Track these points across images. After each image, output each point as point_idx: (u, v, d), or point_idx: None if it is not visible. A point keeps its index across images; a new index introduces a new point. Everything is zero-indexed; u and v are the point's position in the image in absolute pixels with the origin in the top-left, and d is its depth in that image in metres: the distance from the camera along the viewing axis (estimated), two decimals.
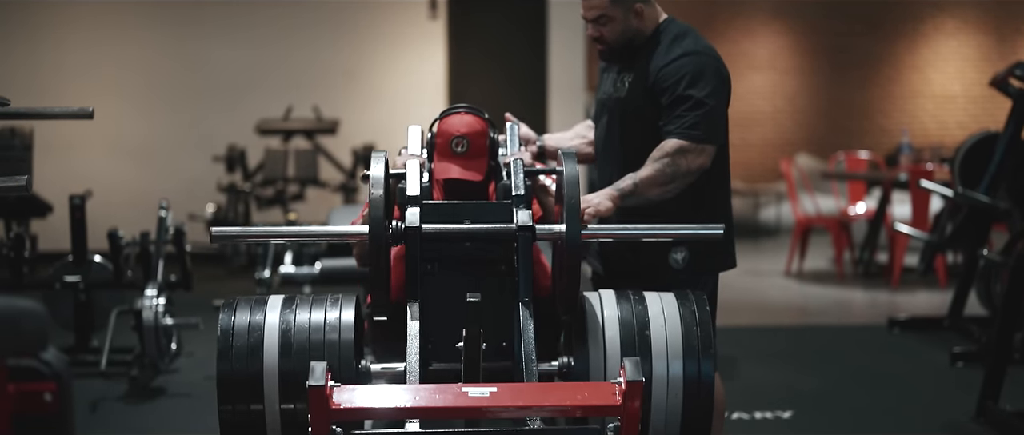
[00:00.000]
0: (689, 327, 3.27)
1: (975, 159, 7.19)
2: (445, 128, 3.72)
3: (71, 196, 6.51)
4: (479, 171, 3.71)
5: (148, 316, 5.91)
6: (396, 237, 3.33)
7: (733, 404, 5.60)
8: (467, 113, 3.76)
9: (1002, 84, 6.96)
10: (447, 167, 3.70)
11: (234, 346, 3.22)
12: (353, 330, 3.28)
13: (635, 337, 3.26)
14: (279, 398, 3.19)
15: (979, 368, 5.90)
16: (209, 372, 5.12)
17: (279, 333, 3.24)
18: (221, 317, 3.28)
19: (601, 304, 3.36)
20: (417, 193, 3.49)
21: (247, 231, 3.54)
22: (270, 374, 3.19)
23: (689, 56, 3.79)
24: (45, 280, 6.55)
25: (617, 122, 3.94)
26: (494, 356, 3.40)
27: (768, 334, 7.79)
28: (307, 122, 11.01)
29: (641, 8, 3.88)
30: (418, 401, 2.84)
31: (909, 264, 9.91)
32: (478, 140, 3.70)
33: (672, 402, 3.22)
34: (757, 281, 10.03)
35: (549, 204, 3.80)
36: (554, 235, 3.35)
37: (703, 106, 3.73)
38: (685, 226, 3.58)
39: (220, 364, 3.21)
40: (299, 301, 3.34)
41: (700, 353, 3.24)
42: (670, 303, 3.34)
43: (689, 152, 3.70)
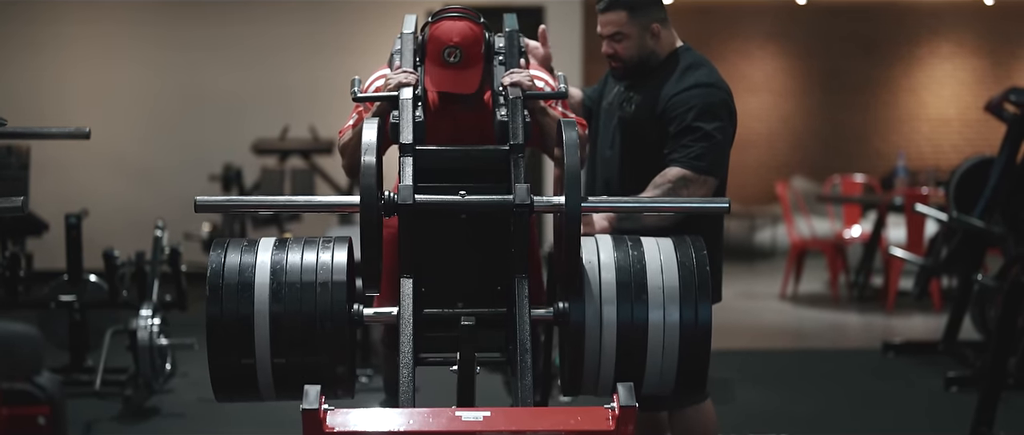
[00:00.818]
0: (686, 271, 3.20)
1: (970, 183, 7.20)
2: (437, 35, 3.56)
3: (67, 215, 6.50)
4: (472, 82, 3.59)
5: (143, 336, 5.91)
6: (388, 209, 3.21)
7: (727, 427, 5.60)
8: (461, 19, 3.61)
9: (997, 109, 6.98)
10: (439, 77, 3.57)
11: (224, 287, 3.14)
12: (345, 272, 3.19)
13: (631, 281, 3.19)
14: (270, 343, 3.11)
15: (973, 393, 5.89)
16: (203, 393, 5.12)
17: (270, 274, 3.15)
18: (211, 256, 3.20)
19: (597, 248, 3.27)
20: (410, 141, 3.39)
21: (233, 200, 3.47)
22: (260, 316, 3.11)
23: (701, 88, 3.80)
24: (40, 299, 6.54)
25: (620, 139, 3.94)
26: (487, 301, 3.35)
27: (763, 357, 7.78)
28: (303, 142, 11.01)
29: (659, 29, 3.89)
30: (412, 425, 2.84)
31: (904, 288, 9.91)
32: (472, 49, 3.56)
33: (669, 347, 3.17)
34: (752, 304, 10.02)
35: (548, 125, 3.62)
36: (553, 207, 3.23)
37: (710, 139, 3.74)
38: (690, 200, 3.56)
39: (210, 306, 3.13)
40: (291, 243, 3.25)
41: (697, 297, 3.17)
42: (667, 247, 3.26)
43: (691, 182, 3.71)
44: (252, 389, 3.20)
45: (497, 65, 3.71)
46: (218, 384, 3.21)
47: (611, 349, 3.17)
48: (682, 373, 3.21)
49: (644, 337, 3.16)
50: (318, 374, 3.12)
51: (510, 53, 3.75)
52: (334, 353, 3.13)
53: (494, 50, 3.72)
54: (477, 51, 3.57)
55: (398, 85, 3.55)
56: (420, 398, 3.29)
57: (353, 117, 3.74)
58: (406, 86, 3.53)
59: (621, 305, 3.18)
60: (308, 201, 3.50)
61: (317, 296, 3.15)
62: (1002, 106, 6.95)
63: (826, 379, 7.07)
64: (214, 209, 3.35)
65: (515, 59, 3.74)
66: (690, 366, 3.20)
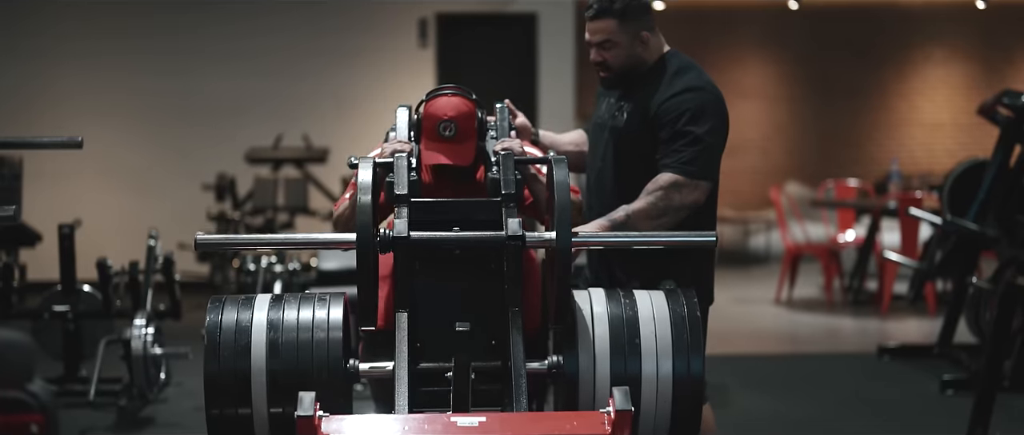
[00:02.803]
0: (679, 325, 3.24)
1: (964, 187, 7.21)
2: (432, 111, 3.64)
3: (60, 225, 6.49)
4: (467, 155, 3.65)
5: (137, 345, 5.89)
6: (384, 245, 3.27)
7: (724, 432, 5.59)
8: (454, 95, 3.68)
9: (990, 112, 6.98)
10: (435, 153, 3.63)
11: (221, 345, 3.18)
12: (341, 329, 3.23)
13: (624, 335, 3.23)
14: (267, 398, 3.15)
15: (969, 396, 5.89)
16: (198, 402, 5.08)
17: (267, 331, 3.20)
18: (208, 315, 3.23)
19: (591, 302, 3.31)
20: (405, 192, 3.44)
21: (233, 239, 3.53)
22: (258, 373, 3.15)
23: (692, 92, 3.80)
24: (34, 310, 6.53)
25: (612, 150, 3.94)
26: (484, 355, 3.37)
27: (758, 362, 7.78)
28: (297, 151, 11.00)
29: (647, 36, 3.89)
30: (407, 431, 2.84)
31: (898, 292, 9.91)
32: (466, 123, 3.63)
33: (662, 401, 3.20)
34: (747, 309, 10.02)
35: (540, 192, 3.69)
36: (545, 242, 3.31)
37: (701, 142, 3.73)
38: (677, 234, 3.59)
39: (207, 364, 3.17)
40: (287, 299, 3.29)
41: (689, 351, 3.21)
42: (660, 301, 3.31)
43: (684, 187, 3.71)
44: None
45: (490, 139, 3.80)
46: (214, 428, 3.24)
47: (605, 401, 3.20)
48: (676, 424, 3.26)
49: (638, 390, 3.20)
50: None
51: (501, 127, 3.84)
52: (331, 407, 3.14)
53: (486, 127, 3.79)
54: (471, 125, 3.65)
55: (393, 151, 3.62)
56: None
57: (349, 192, 3.77)
58: (401, 153, 3.60)
59: (614, 358, 3.23)
60: (306, 238, 3.59)
61: (313, 352, 3.20)
62: (995, 109, 6.95)
63: (821, 383, 7.07)
64: (214, 248, 3.44)
65: (506, 133, 3.83)
66: (683, 418, 3.25)
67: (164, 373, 6.30)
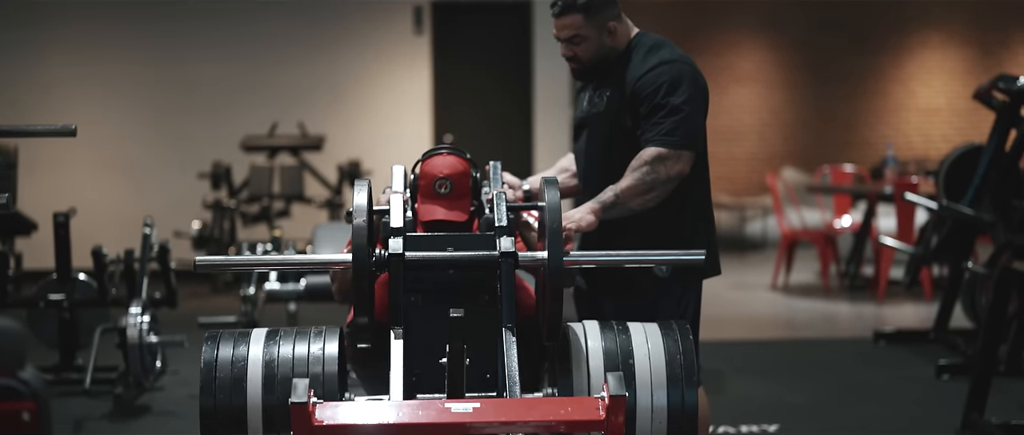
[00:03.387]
0: (673, 356, 3.27)
1: (960, 172, 7.21)
2: (428, 170, 3.75)
3: (55, 214, 6.48)
4: (463, 211, 3.74)
5: (132, 334, 5.89)
6: (379, 264, 3.34)
7: (720, 418, 5.60)
8: (450, 154, 3.78)
9: (986, 97, 6.99)
10: (431, 209, 3.72)
11: (217, 379, 3.20)
12: (337, 363, 3.27)
13: (619, 367, 3.26)
14: (262, 433, 3.18)
15: (965, 380, 5.90)
16: (194, 390, 5.10)
17: (262, 366, 3.22)
18: (204, 350, 3.26)
19: (585, 334, 3.35)
20: (400, 225, 3.49)
21: (231, 260, 3.55)
22: (254, 408, 3.18)
23: (666, 65, 3.80)
24: (29, 298, 6.52)
25: (598, 137, 3.94)
26: (478, 386, 3.41)
27: (754, 348, 7.79)
28: (292, 138, 11.00)
29: (614, 26, 3.89)
30: (401, 417, 2.84)
31: (895, 277, 9.92)
32: (461, 181, 3.73)
33: (656, 432, 3.23)
34: (743, 295, 10.03)
35: (532, 239, 3.81)
36: (537, 262, 3.37)
37: (680, 112, 3.73)
38: (666, 252, 3.60)
39: (203, 398, 3.20)
40: (282, 334, 3.33)
41: (684, 382, 3.24)
42: (653, 333, 3.34)
43: (667, 159, 3.70)
44: None
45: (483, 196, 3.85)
46: None
47: None
48: None
49: (632, 421, 3.22)
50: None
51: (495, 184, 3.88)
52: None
53: (481, 187, 3.86)
54: (466, 183, 3.75)
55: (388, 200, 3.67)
56: None
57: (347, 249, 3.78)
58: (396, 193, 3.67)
59: None
60: (303, 259, 3.64)
61: None
62: (990, 94, 6.95)
63: (818, 369, 7.07)
64: (213, 268, 3.48)
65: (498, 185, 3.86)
66: None
67: (160, 361, 6.30)
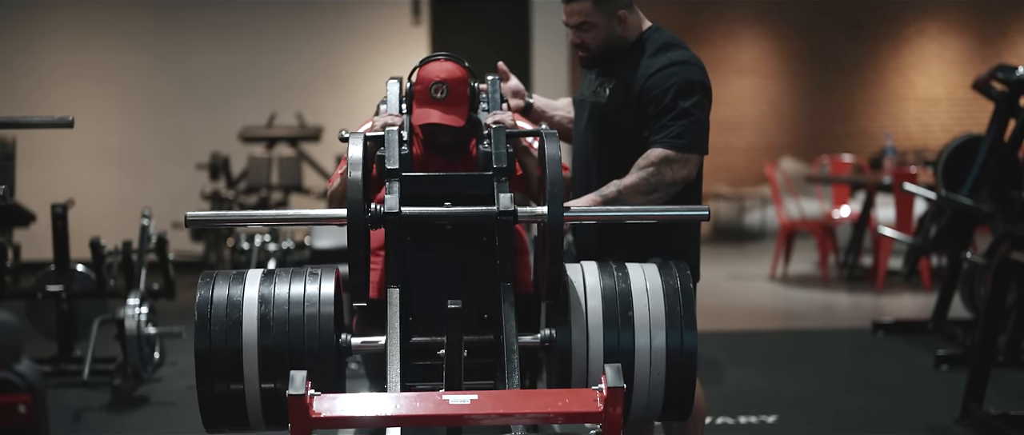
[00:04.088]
0: (672, 298, 3.25)
1: (958, 162, 7.20)
2: (424, 75, 3.68)
3: (53, 205, 6.47)
4: (459, 117, 3.68)
5: (131, 325, 5.89)
6: (375, 221, 3.27)
7: (718, 409, 5.60)
8: (447, 60, 3.72)
9: (984, 87, 6.97)
10: (426, 112, 3.66)
11: (212, 321, 3.17)
12: (333, 303, 3.23)
13: (618, 308, 3.23)
14: (259, 374, 3.14)
15: (963, 371, 5.90)
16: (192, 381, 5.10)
17: (258, 307, 3.19)
18: (199, 292, 3.23)
19: (583, 276, 3.32)
20: (396, 166, 3.45)
21: (222, 215, 3.49)
22: (249, 349, 3.14)
23: (677, 66, 3.78)
24: (28, 289, 6.52)
25: (596, 127, 3.92)
26: (476, 329, 3.37)
27: (753, 338, 7.78)
28: (290, 129, 10.98)
29: (625, 15, 3.86)
30: (398, 409, 2.83)
31: (893, 267, 9.91)
32: (458, 87, 3.67)
33: (655, 373, 3.21)
34: (742, 285, 10.02)
35: (530, 165, 3.73)
36: (536, 217, 3.31)
37: (689, 116, 3.72)
38: (669, 207, 3.58)
39: (198, 340, 3.16)
40: (278, 275, 3.29)
41: (683, 323, 3.22)
42: (652, 274, 3.32)
43: (674, 162, 3.69)
44: (242, 420, 3.23)
45: (481, 112, 3.81)
46: (207, 415, 3.24)
47: (598, 375, 3.20)
48: (669, 398, 3.27)
49: (631, 363, 3.21)
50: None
51: (493, 100, 3.85)
52: (323, 383, 3.14)
53: (478, 98, 3.81)
54: (462, 89, 3.68)
55: (384, 125, 3.63)
56: None
57: (341, 168, 3.76)
58: (392, 126, 3.62)
59: (607, 331, 3.24)
60: (296, 215, 3.50)
61: (305, 328, 3.18)
62: (989, 84, 6.94)
63: (816, 359, 7.07)
64: (204, 225, 3.37)
65: (498, 105, 3.84)
66: (676, 391, 3.26)
67: (158, 352, 6.30)
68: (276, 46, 11.81)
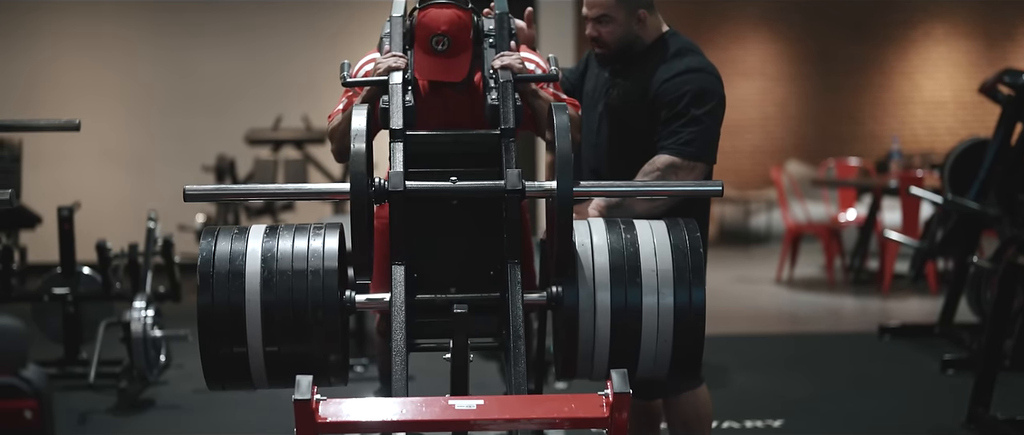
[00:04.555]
0: (680, 254, 3.19)
1: (965, 165, 7.19)
2: (425, 22, 3.52)
3: (59, 208, 6.48)
4: (461, 70, 3.57)
5: (136, 328, 5.89)
6: (379, 195, 3.19)
7: (724, 413, 5.59)
8: (448, 5, 3.55)
9: (991, 91, 6.96)
10: (428, 65, 3.54)
11: (215, 275, 3.12)
12: (337, 258, 3.17)
13: (625, 265, 3.18)
14: (262, 330, 3.10)
15: (970, 375, 5.89)
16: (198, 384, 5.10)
17: (261, 261, 3.13)
18: (201, 244, 3.17)
19: (590, 231, 3.26)
20: (400, 125, 3.37)
21: (223, 189, 3.43)
22: (252, 304, 3.09)
23: (693, 73, 3.78)
24: (34, 292, 6.52)
25: (607, 127, 3.92)
26: (482, 287, 3.34)
27: (759, 342, 7.77)
28: (297, 132, 10.99)
29: (644, 15, 3.87)
30: (404, 414, 2.82)
31: (900, 271, 9.90)
32: (460, 35, 3.53)
33: (663, 331, 3.16)
34: (747, 289, 10.01)
35: (540, 108, 3.59)
36: (545, 192, 3.23)
37: (700, 124, 3.72)
38: (684, 183, 3.56)
39: (201, 295, 3.11)
40: (282, 230, 3.23)
41: (691, 281, 3.17)
42: (660, 230, 3.26)
43: (680, 169, 3.69)
44: (244, 377, 3.19)
45: (487, 47, 3.68)
46: (210, 372, 3.19)
47: (605, 333, 3.16)
48: (676, 357, 3.21)
49: (638, 321, 3.16)
50: (310, 362, 3.12)
51: (500, 36, 3.70)
52: (326, 340, 3.11)
53: (483, 33, 3.68)
54: (465, 37, 3.54)
55: (388, 69, 3.52)
56: (414, 387, 3.28)
57: (342, 101, 3.72)
58: (396, 70, 3.50)
59: (615, 289, 3.17)
60: (298, 189, 3.41)
61: (308, 283, 3.12)
62: (996, 88, 6.93)
63: (822, 363, 7.06)
64: (203, 198, 3.28)
65: (505, 42, 3.69)
66: (684, 350, 3.20)
67: (164, 355, 6.30)
68: (282, 49, 11.82)
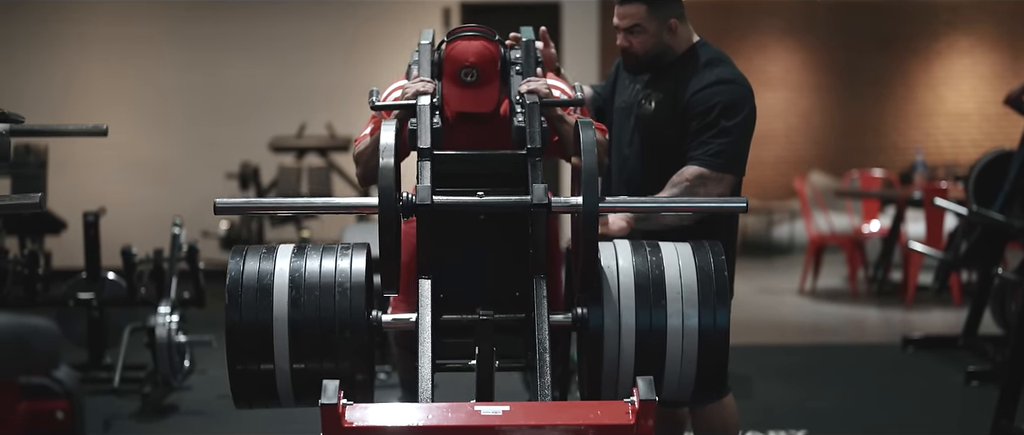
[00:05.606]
0: (705, 276, 3.20)
1: (989, 177, 7.17)
2: (453, 55, 3.59)
3: (85, 213, 6.52)
4: (490, 101, 3.61)
5: (161, 333, 5.91)
6: (407, 210, 3.21)
7: (747, 423, 5.58)
8: (476, 38, 3.62)
9: (1016, 102, 6.96)
10: (457, 97, 3.59)
11: (243, 294, 3.15)
12: (364, 278, 3.20)
13: (650, 287, 3.19)
14: (289, 349, 3.12)
15: (994, 387, 5.88)
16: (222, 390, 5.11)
17: (289, 281, 3.16)
18: (230, 264, 3.20)
19: (616, 254, 3.27)
20: (428, 145, 3.40)
21: (252, 202, 3.49)
22: (280, 323, 3.12)
23: (725, 84, 3.78)
24: (59, 297, 6.56)
25: (639, 138, 3.92)
26: (508, 307, 3.35)
27: (782, 352, 7.76)
28: (320, 139, 11.02)
29: (676, 24, 3.87)
30: (431, 420, 2.83)
31: (923, 282, 9.87)
32: (488, 67, 3.59)
33: (687, 352, 3.17)
34: (771, 299, 10.00)
35: (566, 133, 3.61)
36: (571, 208, 3.24)
37: (729, 135, 3.72)
38: (708, 200, 3.55)
39: (229, 314, 3.14)
40: (309, 249, 3.26)
41: (715, 302, 3.17)
42: (685, 252, 3.27)
43: (709, 180, 3.69)
44: (271, 395, 3.23)
45: (514, 75, 3.72)
46: (237, 391, 3.24)
47: (630, 354, 3.18)
48: (701, 378, 3.23)
49: (663, 342, 3.17)
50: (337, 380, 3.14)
51: (527, 63, 3.75)
52: (353, 359, 3.13)
53: (510, 64, 3.73)
54: (493, 69, 3.59)
55: (416, 94, 3.56)
56: (438, 394, 3.28)
57: (369, 126, 3.75)
58: (424, 94, 3.54)
59: (639, 310, 3.19)
60: (326, 203, 3.46)
61: (336, 303, 3.15)
62: (1021, 99, 6.92)
63: (846, 374, 7.04)
64: (233, 211, 3.35)
65: (532, 69, 3.73)
66: (708, 371, 3.21)
67: (188, 361, 6.32)
68: (307, 57, 11.86)
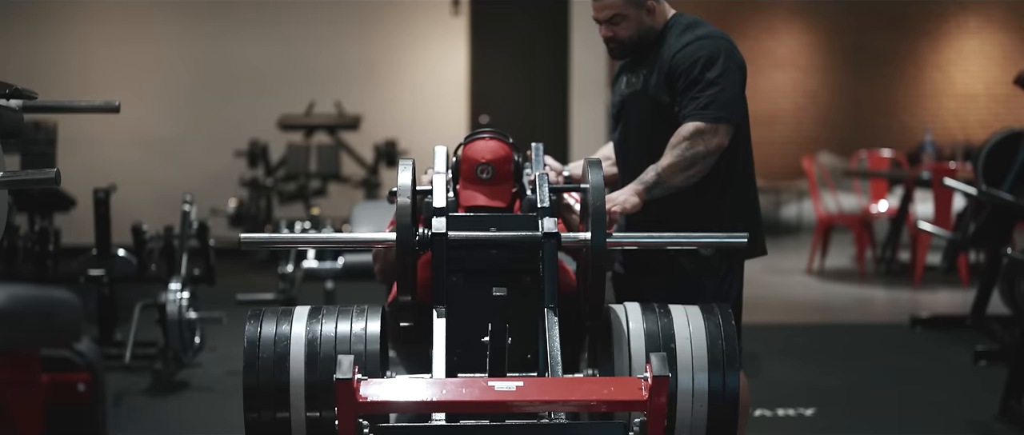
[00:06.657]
0: (714, 340, 3.27)
1: (998, 157, 7.17)
2: (470, 154, 3.78)
3: (95, 190, 6.53)
4: (504, 197, 3.78)
5: (172, 310, 5.92)
6: (423, 244, 3.37)
7: (756, 402, 5.60)
8: (492, 138, 3.81)
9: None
10: (472, 194, 3.76)
11: (260, 357, 3.22)
12: (379, 341, 3.29)
13: (660, 350, 3.25)
14: (305, 409, 3.19)
15: (1002, 367, 5.88)
16: (232, 367, 5.16)
17: (305, 344, 3.23)
18: (247, 328, 3.27)
19: (626, 317, 3.35)
20: (443, 205, 3.53)
21: (276, 238, 3.59)
22: (296, 385, 3.19)
23: (702, 40, 3.81)
24: (69, 274, 6.58)
25: (637, 117, 3.94)
26: (519, 367, 3.42)
27: (790, 332, 7.77)
28: (329, 117, 11.03)
29: (653, 5, 3.89)
30: (445, 395, 2.85)
31: (931, 262, 9.88)
32: (503, 166, 3.77)
33: (697, 415, 3.22)
34: (779, 279, 10.01)
35: (573, 222, 3.82)
36: (579, 243, 3.38)
37: (715, 85, 3.73)
38: (708, 234, 3.59)
39: (246, 375, 3.21)
40: (325, 312, 3.34)
41: (725, 366, 3.24)
42: (695, 316, 3.33)
43: (705, 133, 3.70)
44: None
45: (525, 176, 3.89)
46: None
47: None
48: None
49: (673, 405, 3.22)
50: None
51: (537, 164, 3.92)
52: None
53: (523, 169, 3.90)
54: (507, 168, 3.79)
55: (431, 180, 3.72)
56: None
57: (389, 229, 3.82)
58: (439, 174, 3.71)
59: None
60: (346, 238, 3.74)
61: None
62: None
63: (853, 354, 7.06)
64: (258, 246, 3.51)
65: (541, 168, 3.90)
66: (718, 430, 3.26)
67: (198, 337, 6.34)
68: (316, 35, 11.85)
